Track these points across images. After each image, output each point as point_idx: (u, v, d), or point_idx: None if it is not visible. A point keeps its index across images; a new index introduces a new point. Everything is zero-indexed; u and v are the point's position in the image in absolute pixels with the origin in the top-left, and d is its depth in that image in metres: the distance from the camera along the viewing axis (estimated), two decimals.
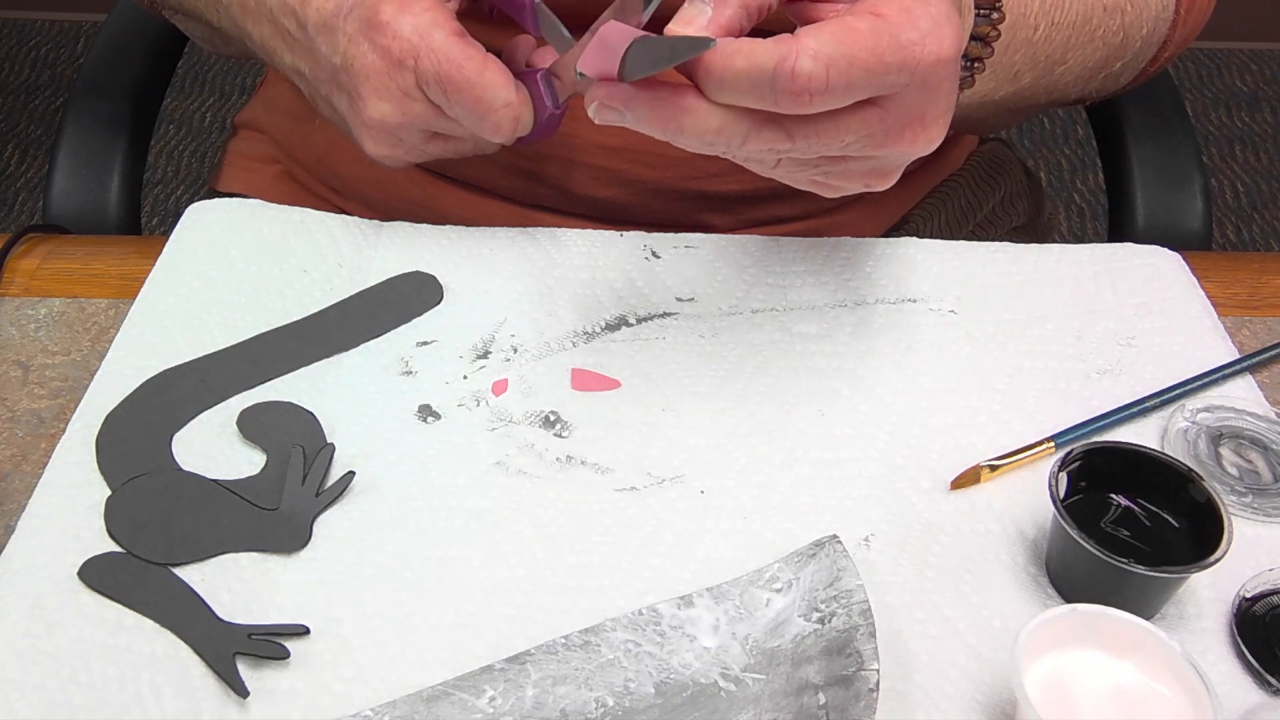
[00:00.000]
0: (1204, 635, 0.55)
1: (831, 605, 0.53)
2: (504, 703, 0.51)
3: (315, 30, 0.66)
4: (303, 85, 0.71)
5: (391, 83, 0.64)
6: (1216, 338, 0.69)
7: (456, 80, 0.62)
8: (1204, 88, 2.47)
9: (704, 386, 0.65)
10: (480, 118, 0.63)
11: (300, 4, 0.67)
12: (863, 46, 0.49)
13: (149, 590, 0.54)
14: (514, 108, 0.63)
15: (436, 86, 0.63)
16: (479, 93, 0.62)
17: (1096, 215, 2.17)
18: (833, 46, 0.49)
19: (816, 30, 0.49)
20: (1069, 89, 0.75)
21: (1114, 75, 0.76)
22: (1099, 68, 0.75)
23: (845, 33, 0.49)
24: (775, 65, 0.48)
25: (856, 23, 0.49)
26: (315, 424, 0.62)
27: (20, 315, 0.70)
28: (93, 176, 0.90)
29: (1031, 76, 0.71)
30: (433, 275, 0.70)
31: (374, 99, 0.64)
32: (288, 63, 0.70)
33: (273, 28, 0.69)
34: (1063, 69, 0.72)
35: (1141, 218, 0.90)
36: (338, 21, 0.65)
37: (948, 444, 0.62)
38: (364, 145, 0.67)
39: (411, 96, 0.64)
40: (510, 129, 0.64)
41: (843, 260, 0.72)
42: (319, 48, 0.66)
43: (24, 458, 0.62)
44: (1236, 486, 0.61)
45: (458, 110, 0.64)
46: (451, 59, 0.62)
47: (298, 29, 0.67)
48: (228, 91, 2.39)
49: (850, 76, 0.49)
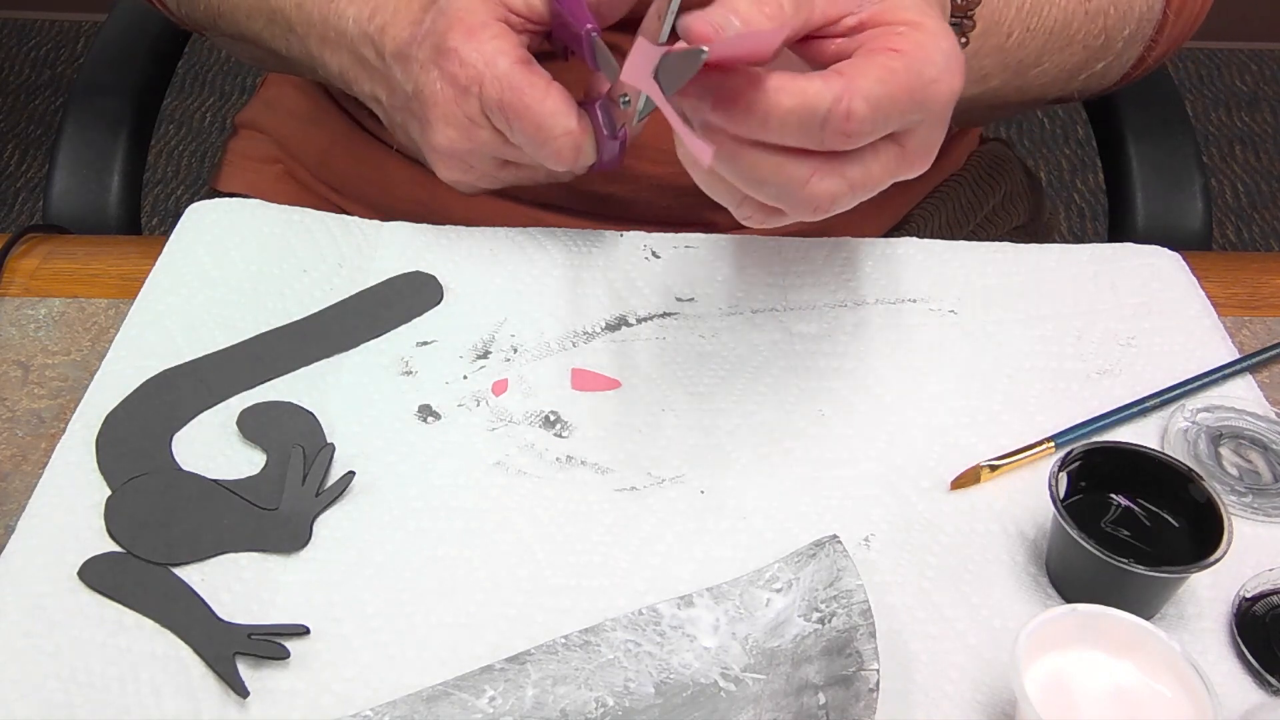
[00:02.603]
0: (1204, 635, 0.55)
1: (831, 605, 0.53)
2: (504, 703, 0.51)
3: (392, 59, 0.67)
4: (380, 112, 0.72)
5: (458, 109, 0.64)
6: (1216, 338, 0.69)
7: (517, 106, 0.62)
8: (1204, 88, 2.47)
9: (704, 386, 0.65)
10: (541, 145, 0.63)
11: (378, 33, 0.68)
12: (901, 86, 0.50)
13: (149, 590, 0.54)
14: (574, 136, 0.63)
15: (499, 112, 0.63)
16: (540, 120, 0.62)
17: (1096, 215, 2.17)
18: (879, 89, 0.49)
19: (862, 71, 0.50)
20: (1046, 89, 0.75)
21: (1097, 75, 0.76)
22: (1078, 69, 0.75)
23: (886, 73, 0.50)
24: (830, 107, 0.48)
25: (890, 61, 0.50)
26: (315, 424, 0.62)
27: (20, 315, 0.70)
28: (93, 176, 0.90)
29: (1001, 79, 0.72)
30: (433, 275, 0.70)
31: (441, 125, 0.65)
32: (367, 90, 0.71)
33: (352, 57, 0.70)
34: (1037, 71, 0.73)
35: (1141, 218, 0.90)
36: (412, 50, 0.66)
37: (948, 444, 0.62)
38: (437, 170, 0.68)
39: (477, 123, 0.65)
40: (571, 156, 0.64)
41: (843, 260, 0.72)
42: (395, 75, 0.67)
43: (24, 458, 0.62)
44: (1236, 486, 0.61)
45: (519, 137, 0.64)
46: (514, 85, 0.62)
47: (376, 58, 0.69)
48: (228, 91, 2.39)
49: (890, 117, 0.50)
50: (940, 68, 0.51)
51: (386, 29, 0.68)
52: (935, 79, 0.51)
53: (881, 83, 0.49)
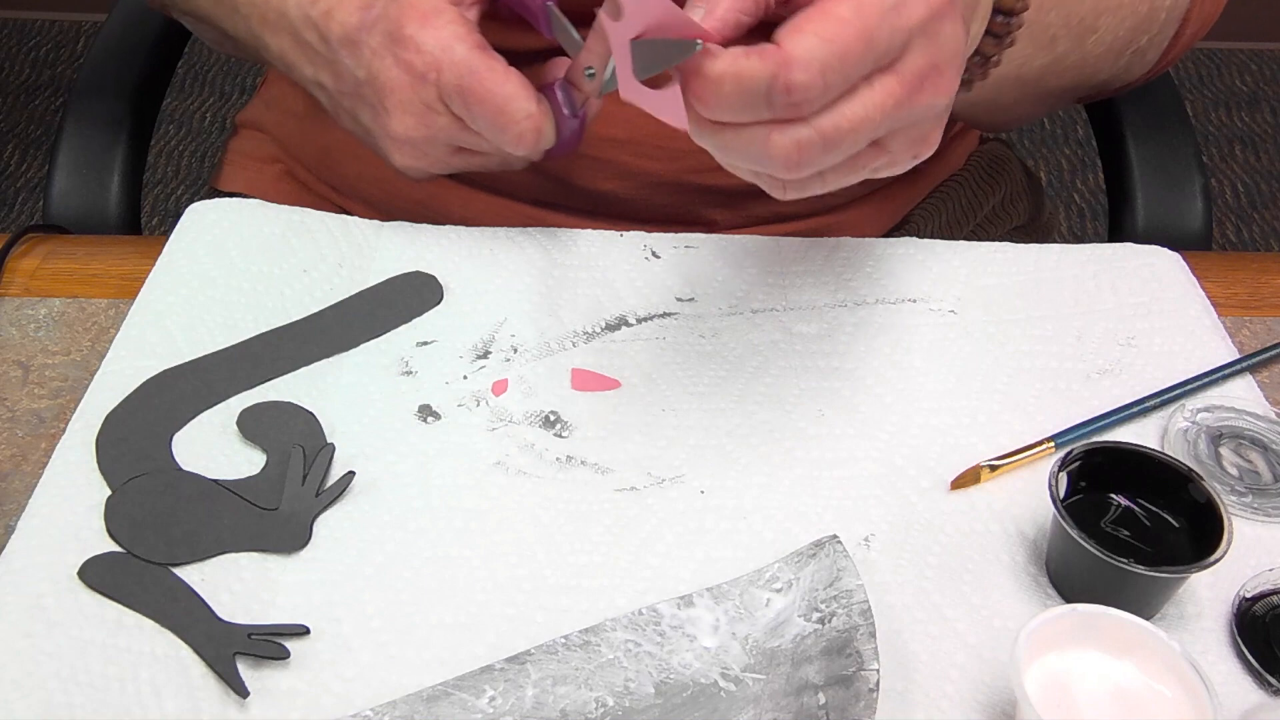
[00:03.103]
0: (1204, 635, 0.55)
1: (831, 605, 0.53)
2: (504, 703, 0.51)
3: (339, 44, 0.66)
4: (324, 98, 0.71)
5: (415, 97, 0.64)
6: (1216, 338, 0.69)
7: (478, 92, 0.62)
8: (1204, 88, 2.47)
9: (704, 386, 0.65)
10: (501, 129, 0.63)
11: (323, 18, 0.67)
12: (851, 35, 0.48)
13: (149, 590, 0.54)
14: (535, 119, 0.63)
15: (458, 99, 0.63)
16: (500, 104, 0.63)
17: (1096, 215, 2.17)
18: (822, 48, 0.48)
19: (799, 31, 0.48)
20: (1100, 65, 0.75)
21: (1140, 52, 0.76)
22: (1128, 41, 0.74)
23: (829, 25, 0.48)
24: (768, 85, 0.48)
25: (837, 8, 0.48)
26: (315, 424, 0.62)
27: (20, 315, 0.70)
28: (93, 176, 0.90)
29: (1066, 42, 0.71)
30: (433, 275, 0.70)
31: (398, 113, 0.65)
32: (308, 75, 0.70)
33: (293, 40, 0.69)
34: (1094, 38, 0.72)
35: (1141, 218, 0.90)
36: (362, 36, 0.65)
37: (948, 444, 0.62)
38: (390, 158, 0.68)
39: (435, 110, 0.64)
40: (532, 140, 0.64)
41: (843, 260, 0.72)
42: (343, 61, 0.67)
43: (24, 458, 0.62)
44: (1236, 486, 0.61)
45: (480, 122, 0.64)
46: (473, 71, 0.62)
47: (320, 42, 0.68)
48: (228, 91, 2.39)
49: (846, 70, 0.48)
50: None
51: (332, 13, 0.67)
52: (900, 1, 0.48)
53: (825, 41, 0.48)
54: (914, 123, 0.52)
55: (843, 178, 0.54)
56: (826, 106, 0.50)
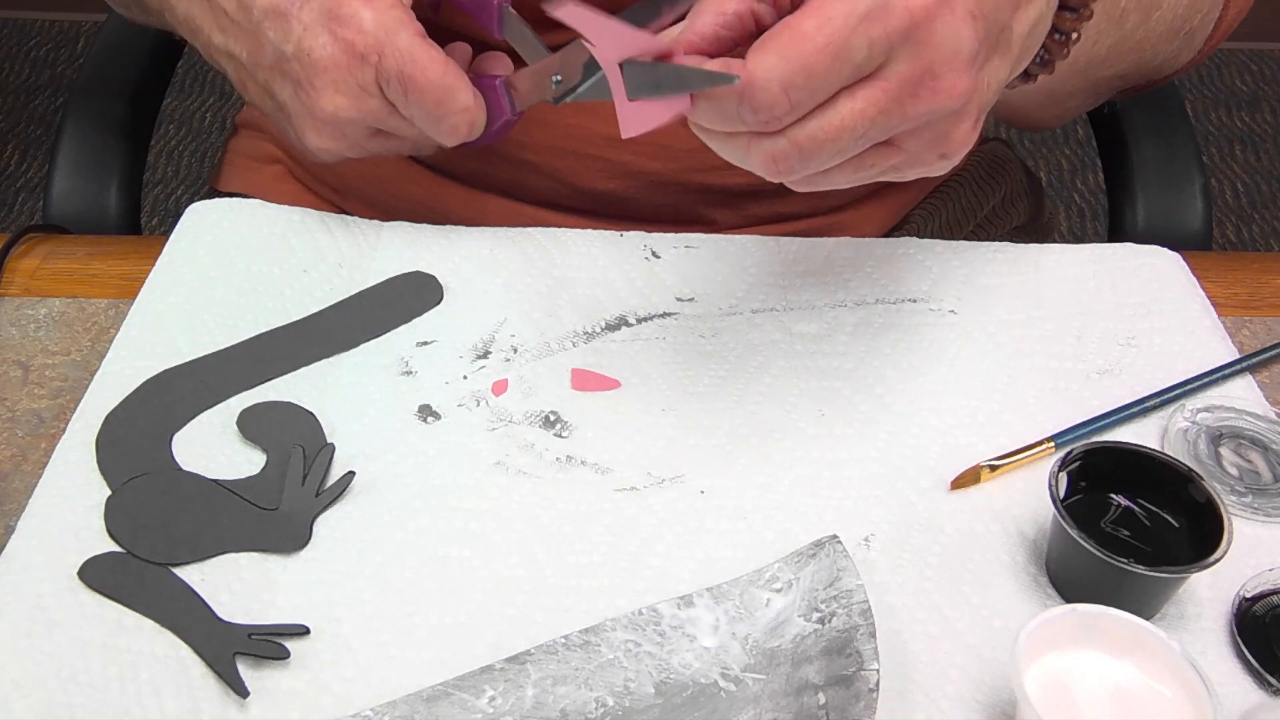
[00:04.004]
0: (1204, 635, 0.55)
1: (831, 605, 0.53)
2: (504, 703, 0.51)
3: (262, 14, 0.65)
4: (230, 68, 0.69)
5: (350, 77, 0.63)
6: (1216, 338, 0.69)
7: (419, 81, 0.62)
8: (1204, 88, 2.47)
9: (704, 386, 0.65)
10: (438, 120, 0.64)
11: None
12: (813, 49, 0.48)
13: (149, 590, 0.54)
14: (471, 112, 0.64)
15: (397, 85, 0.63)
16: (440, 95, 0.63)
17: (1096, 215, 2.17)
18: (782, 67, 0.48)
19: (762, 50, 0.49)
20: (1158, 45, 0.74)
21: (1191, 33, 0.75)
22: (1184, 19, 0.73)
23: (793, 43, 0.48)
24: (737, 105, 0.49)
25: (803, 22, 0.48)
26: (315, 424, 0.62)
27: (20, 315, 0.70)
28: (93, 176, 0.90)
29: (1135, 15, 0.70)
30: (433, 275, 0.70)
31: (329, 91, 0.64)
32: (217, 43, 0.68)
33: (204, 5, 0.68)
34: (1158, 14, 0.71)
35: (1141, 218, 0.90)
36: (291, 9, 0.64)
37: (948, 444, 0.62)
38: (304, 136, 0.67)
39: (368, 92, 0.64)
40: (465, 133, 0.65)
41: (843, 260, 0.72)
42: (265, 33, 0.65)
43: (24, 458, 0.62)
44: (1236, 486, 0.61)
45: (414, 110, 0.64)
46: (416, 59, 0.62)
47: (238, 10, 0.66)
48: (228, 91, 2.39)
49: (812, 85, 0.49)
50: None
51: None
52: (875, 9, 0.48)
53: (786, 60, 0.48)
54: (924, 124, 0.52)
55: (850, 176, 0.54)
56: (803, 119, 0.50)
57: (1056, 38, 0.61)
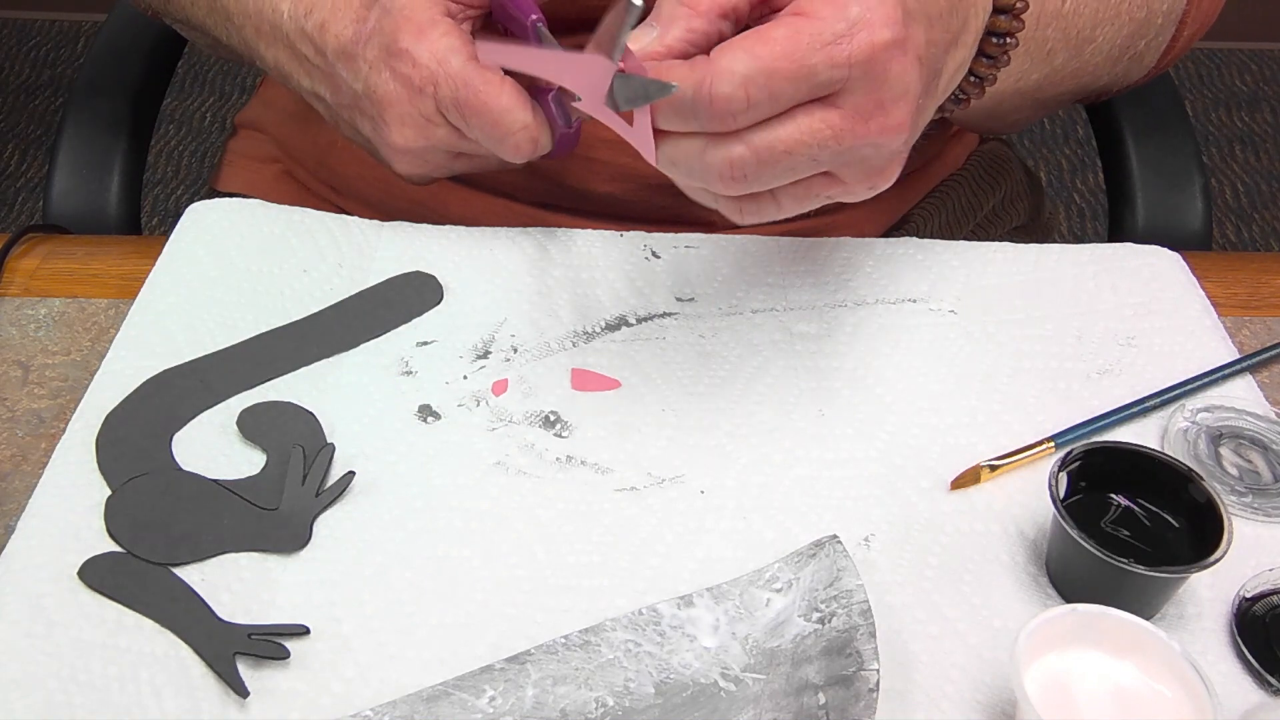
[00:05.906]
0: (1204, 635, 0.55)
1: (831, 605, 0.53)
2: (504, 703, 0.51)
3: (335, 57, 0.67)
4: (322, 108, 0.71)
5: (413, 109, 0.64)
6: (1216, 338, 0.69)
7: (474, 105, 0.63)
8: (1204, 88, 2.47)
9: (704, 386, 0.65)
10: (499, 140, 0.64)
11: (318, 31, 0.67)
12: (781, 54, 0.49)
13: (149, 590, 0.54)
14: (531, 130, 0.64)
15: (455, 111, 0.63)
16: (496, 116, 0.63)
17: (1096, 215, 2.17)
18: (747, 64, 0.49)
19: (732, 47, 0.50)
20: (1098, 72, 0.75)
21: (1138, 56, 0.76)
22: (1125, 47, 0.74)
23: (761, 45, 0.50)
24: (693, 93, 0.50)
25: (773, 30, 0.50)
26: (315, 424, 0.62)
27: (20, 315, 0.70)
28: (93, 176, 0.90)
29: (1064, 55, 0.71)
30: (433, 275, 0.70)
31: (397, 125, 0.65)
32: (306, 86, 0.71)
33: (289, 53, 0.70)
34: (1092, 48, 0.72)
35: (1141, 218, 0.90)
36: (357, 49, 0.66)
37: (948, 444, 0.62)
38: (394, 165, 0.68)
39: (433, 122, 0.65)
40: (529, 150, 0.65)
41: (843, 260, 0.72)
42: (340, 74, 0.67)
43: (24, 458, 0.62)
44: (1236, 486, 0.61)
45: (476, 132, 0.64)
46: (469, 84, 0.63)
47: (316, 55, 0.68)
48: (228, 91, 2.39)
49: (773, 88, 0.50)
50: (852, 21, 0.50)
51: (327, 26, 0.67)
52: (843, 34, 0.50)
53: (754, 58, 0.49)
54: (864, 157, 0.53)
55: (796, 202, 0.55)
56: (760, 125, 0.51)
57: (972, 80, 0.62)
